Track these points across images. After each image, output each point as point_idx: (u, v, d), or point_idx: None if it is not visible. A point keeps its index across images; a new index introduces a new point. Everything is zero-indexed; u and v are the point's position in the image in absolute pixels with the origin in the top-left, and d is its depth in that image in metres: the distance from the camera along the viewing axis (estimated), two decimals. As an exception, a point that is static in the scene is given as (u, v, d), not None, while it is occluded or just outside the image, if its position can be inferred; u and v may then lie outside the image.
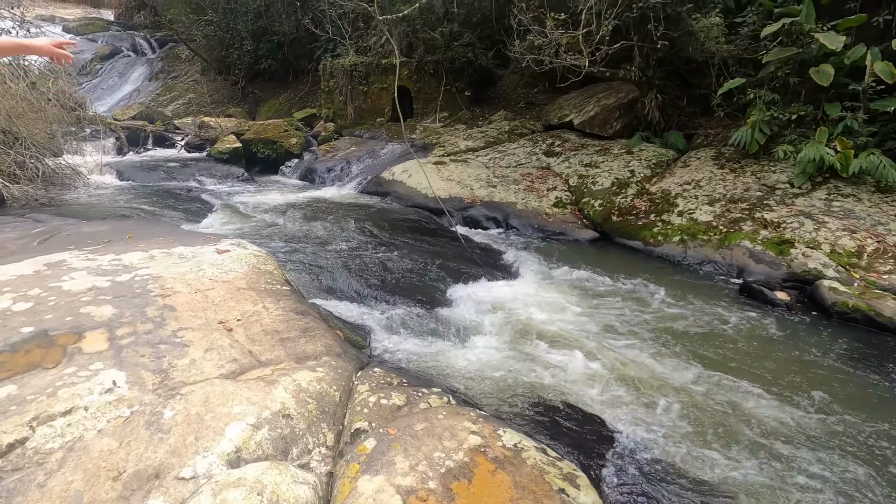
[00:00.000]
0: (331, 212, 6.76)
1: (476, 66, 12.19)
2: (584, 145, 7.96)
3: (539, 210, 6.75)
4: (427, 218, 6.85)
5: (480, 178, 7.54)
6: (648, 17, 6.18)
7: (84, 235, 4.01)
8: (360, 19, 13.90)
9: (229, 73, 16.80)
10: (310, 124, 13.33)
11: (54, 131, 8.14)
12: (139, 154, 10.29)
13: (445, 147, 9.32)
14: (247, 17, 14.98)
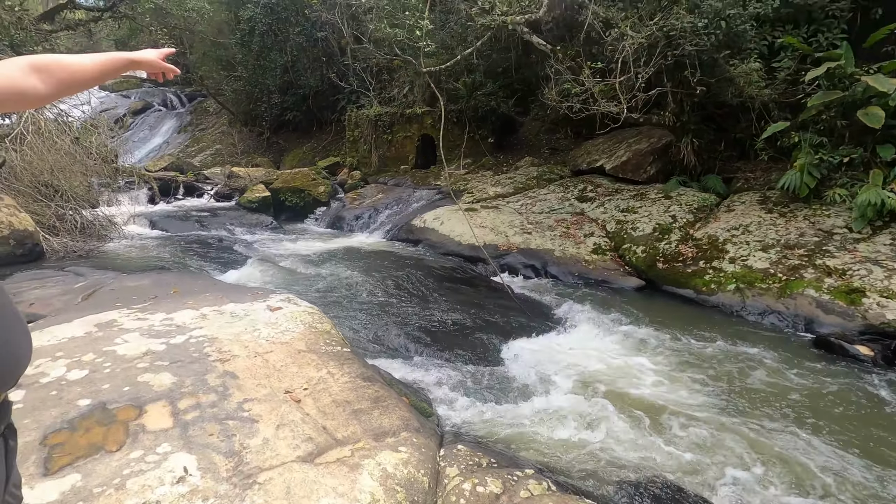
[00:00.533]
0: (365, 260, 6.65)
1: (498, 114, 12.41)
2: (618, 190, 7.85)
3: (578, 257, 6.56)
4: (463, 266, 6.70)
5: (514, 225, 7.43)
6: (684, 63, 6.19)
7: (128, 290, 3.91)
8: (384, 71, 14.38)
9: (255, 124, 17.36)
10: (334, 172, 13.54)
11: (92, 183, 8.31)
12: (170, 204, 10.43)
13: (474, 193, 9.29)
14: (275, 73, 15.58)
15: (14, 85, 0.85)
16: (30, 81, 0.88)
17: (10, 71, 0.86)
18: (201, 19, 13.97)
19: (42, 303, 3.83)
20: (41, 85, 0.90)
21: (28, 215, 6.02)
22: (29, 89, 0.88)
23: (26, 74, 0.88)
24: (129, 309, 3.19)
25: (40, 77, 0.90)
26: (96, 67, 1.02)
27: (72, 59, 0.97)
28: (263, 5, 14.06)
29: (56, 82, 0.93)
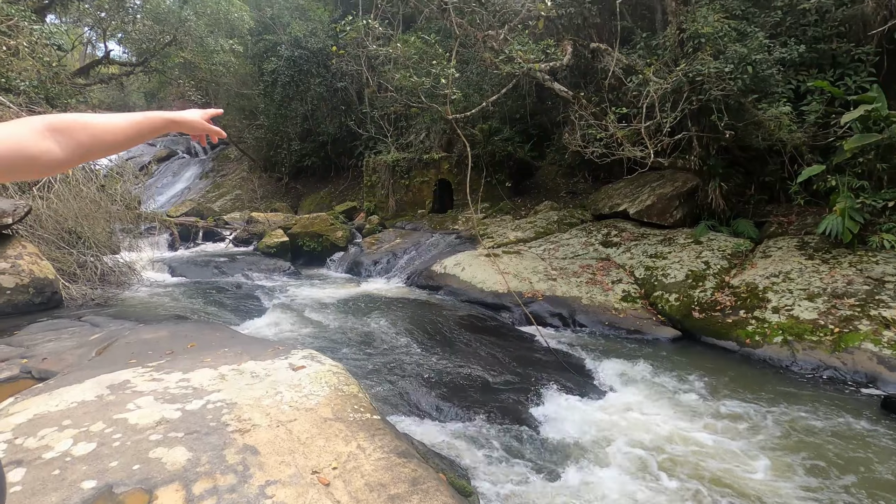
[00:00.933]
0: (385, 309, 6.44)
1: (515, 159, 12.47)
2: (644, 235, 7.63)
3: (607, 305, 6.29)
4: (486, 314, 6.45)
5: (538, 271, 7.21)
6: (710, 108, 6.11)
7: (144, 344, 3.74)
8: (402, 118, 14.69)
9: (275, 170, 17.74)
10: (350, 217, 13.60)
11: (114, 229, 8.36)
12: (190, 249, 10.46)
13: (494, 238, 9.15)
14: (295, 121, 16.02)
15: (23, 149, 0.70)
16: (43, 144, 0.73)
17: (20, 132, 0.71)
18: (227, 72, 14.54)
19: (55, 357, 3.66)
20: (57, 148, 0.75)
21: (49, 263, 5.98)
22: (42, 154, 0.73)
23: (41, 136, 0.73)
24: (144, 367, 3.00)
25: (58, 139, 0.75)
26: (128, 128, 0.87)
27: (99, 119, 0.82)
28: (286, 59, 14.62)
29: (76, 146, 0.78)
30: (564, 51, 5.52)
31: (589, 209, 9.81)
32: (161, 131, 0.96)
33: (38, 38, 8.88)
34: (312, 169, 17.18)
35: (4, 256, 5.54)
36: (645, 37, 7.23)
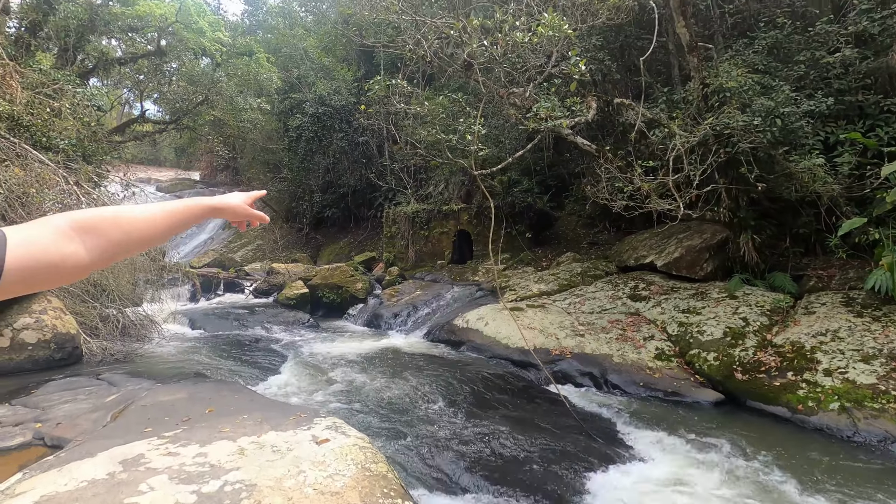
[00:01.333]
0: (407, 367, 6.21)
1: (535, 210, 12.46)
2: (674, 289, 7.37)
3: (640, 364, 5.96)
4: (513, 373, 6.17)
5: (564, 326, 6.95)
6: (738, 160, 6.01)
7: (160, 408, 3.58)
8: (421, 170, 14.96)
9: (296, 221, 18.05)
10: (369, 267, 13.59)
11: (138, 280, 8.41)
12: (211, 301, 10.47)
13: (517, 291, 8.95)
14: (317, 174, 16.44)
15: (44, 256, 0.60)
16: (68, 248, 0.62)
17: (41, 236, 0.61)
18: (254, 128, 15.11)
19: (69, 422, 3.52)
20: (83, 251, 0.64)
21: (72, 317, 5.97)
22: (64, 260, 0.62)
23: (65, 239, 0.62)
24: (160, 438, 2.83)
25: (84, 239, 0.64)
26: (165, 220, 0.76)
27: (132, 214, 0.72)
28: (311, 115, 15.19)
29: (105, 246, 0.67)
30: (589, 106, 5.56)
31: (613, 261, 9.61)
32: (201, 220, 0.86)
33: (79, 100, 9.36)
34: (332, 220, 17.44)
35: (30, 311, 5.54)
36: (666, 91, 7.29)
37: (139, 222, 0.73)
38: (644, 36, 8.61)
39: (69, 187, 7.32)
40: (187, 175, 26.01)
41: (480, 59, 5.12)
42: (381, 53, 13.82)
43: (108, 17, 11.97)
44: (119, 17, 11.88)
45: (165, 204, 0.80)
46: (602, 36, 7.50)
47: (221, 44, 12.63)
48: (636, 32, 8.32)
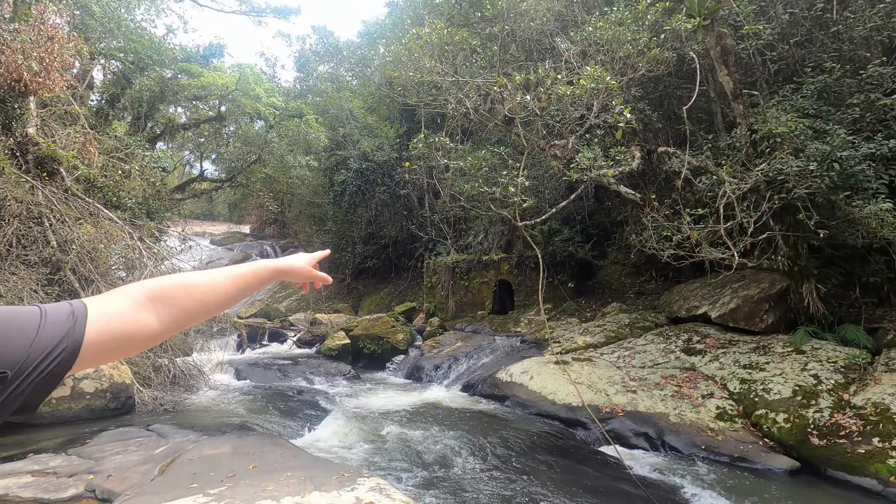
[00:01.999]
0: (449, 422, 6.01)
1: (577, 259, 12.25)
2: (732, 342, 6.93)
3: (699, 424, 5.53)
4: (560, 431, 5.85)
5: (614, 381, 6.60)
6: (795, 206, 5.75)
7: (206, 463, 3.58)
8: (461, 221, 15.15)
9: (338, 271, 18.47)
10: (409, 317, 13.58)
11: (189, 331, 8.70)
12: (256, 351, 10.66)
13: (561, 343, 8.65)
14: (360, 226, 16.95)
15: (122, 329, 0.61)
16: (143, 318, 0.64)
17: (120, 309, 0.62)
18: (302, 184, 15.89)
19: (119, 475, 3.56)
20: (155, 320, 0.65)
21: (128, 367, 6.19)
22: (140, 329, 0.64)
23: (140, 309, 0.64)
24: (205, 495, 2.81)
25: (158, 309, 0.66)
26: (233, 286, 0.77)
27: (202, 281, 0.74)
28: (355, 170, 15.88)
29: (177, 314, 0.68)
30: (633, 156, 5.53)
31: (662, 311, 9.20)
32: (267, 283, 0.87)
33: (147, 163, 10.18)
34: (373, 270, 17.75)
35: (90, 361, 5.79)
36: (710, 138, 7.19)
37: (209, 289, 0.74)
38: (683, 85, 8.63)
39: (133, 242, 7.82)
40: (238, 229, 27.39)
41: (521, 114, 5.24)
42: (422, 111, 14.46)
43: (176, 89, 13.19)
44: (186, 87, 13.07)
45: (233, 269, 0.80)
46: (641, 87, 7.56)
47: (275, 108, 13.60)
48: (675, 82, 8.35)
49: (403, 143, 16.65)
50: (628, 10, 5.32)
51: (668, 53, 5.85)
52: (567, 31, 6.21)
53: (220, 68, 13.43)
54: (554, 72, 4.80)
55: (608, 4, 6.83)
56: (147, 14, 11.03)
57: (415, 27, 7.39)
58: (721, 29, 5.71)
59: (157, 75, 12.77)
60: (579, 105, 5.29)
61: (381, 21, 19.16)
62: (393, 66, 8.70)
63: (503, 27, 5.67)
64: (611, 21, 5.32)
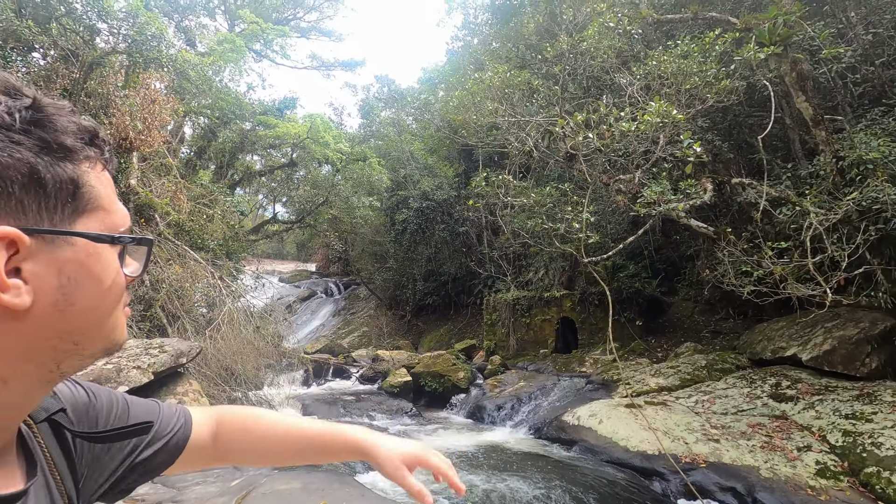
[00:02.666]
0: (514, 466, 5.80)
1: (644, 296, 11.72)
2: (829, 388, 6.25)
3: (797, 481, 4.96)
4: (635, 482, 5.46)
5: (693, 429, 6.12)
6: (895, 237, 5.23)
7: (279, 497, 3.66)
8: (520, 257, 15.04)
9: (398, 308, 18.79)
10: (469, 355, 13.43)
11: (260, 365, 9.11)
12: (321, 386, 10.93)
13: (632, 385, 8.19)
14: (420, 263, 17.26)
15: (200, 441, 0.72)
16: (209, 439, 0.74)
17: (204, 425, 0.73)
18: (365, 224, 16.53)
19: (200, 506, 3.72)
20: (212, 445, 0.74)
21: (207, 400, 6.54)
22: (206, 447, 0.73)
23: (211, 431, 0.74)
24: (281, 531, 2.86)
25: (218, 435, 0.75)
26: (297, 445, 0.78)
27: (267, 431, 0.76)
28: (415, 209, 16.34)
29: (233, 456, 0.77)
30: (704, 188, 5.32)
31: (743, 353, 8.51)
32: (343, 458, 0.81)
33: (227, 207, 11.05)
34: (433, 307, 17.87)
35: (174, 393, 6.19)
36: (790, 167, 6.78)
37: (272, 440, 0.77)
38: (754, 113, 8.27)
39: (214, 281, 8.42)
40: (305, 267, 28.73)
41: (584, 151, 5.23)
42: (481, 150, 14.77)
43: (254, 139, 14.38)
44: (262, 138, 14.21)
45: (309, 426, 0.79)
46: (708, 118, 7.33)
47: (341, 152, 14.41)
48: (745, 111, 8.03)
49: (462, 181, 17.02)
50: (694, 42, 5.24)
51: (737, 83, 5.65)
52: (628, 67, 6.20)
53: (293, 119, 14.52)
54: (616, 108, 4.78)
55: (669, 38, 6.78)
56: (232, 75, 12.25)
57: (477, 72, 7.67)
58: (796, 54, 5.47)
59: (238, 128, 14.01)
60: (644, 139, 5.20)
61: (440, 67, 20.06)
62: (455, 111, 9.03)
63: (564, 67, 5.76)
64: (675, 54, 5.26)
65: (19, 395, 0.45)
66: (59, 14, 7.16)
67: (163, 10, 13.52)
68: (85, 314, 0.46)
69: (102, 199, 0.48)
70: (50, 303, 0.43)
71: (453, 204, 16.47)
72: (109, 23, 7.59)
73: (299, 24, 19.58)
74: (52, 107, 0.45)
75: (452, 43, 19.36)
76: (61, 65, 7.44)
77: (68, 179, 0.44)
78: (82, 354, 0.48)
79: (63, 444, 0.56)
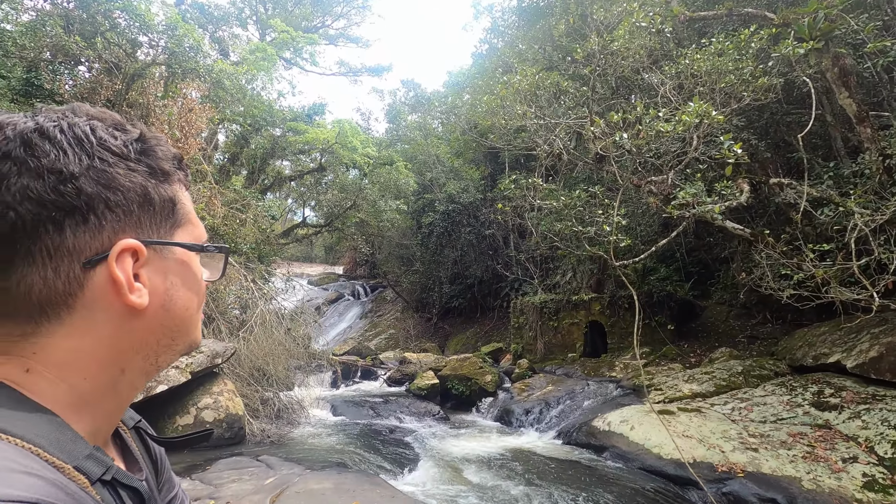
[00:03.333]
0: (544, 472, 5.74)
1: (676, 299, 11.43)
2: (877, 397, 5.97)
3: (842, 494, 4.75)
4: (669, 491, 5.33)
5: (730, 437, 5.93)
6: (948, 240, 4.96)
7: (311, 497, 3.73)
8: (548, 260, 14.88)
9: (425, 311, 18.86)
10: (496, 358, 13.36)
11: (291, 366, 9.28)
12: (349, 387, 11.06)
13: (664, 391, 7.99)
14: (446, 266, 17.29)
15: None
16: None
17: None
18: (392, 227, 16.68)
19: (236, 502, 3.81)
20: None
21: (240, 399, 6.71)
22: None
23: None
24: (315, 529, 2.91)
25: None
26: None
27: None
28: (441, 212, 16.39)
29: None
30: (741, 189, 5.15)
31: (782, 359, 8.21)
32: None
33: (259, 212, 11.33)
34: (459, 310, 17.87)
35: (210, 392, 6.38)
36: (831, 166, 6.52)
37: None
38: (793, 111, 7.98)
39: (247, 284, 8.64)
40: (332, 270, 29.17)
41: (614, 152, 5.15)
42: (507, 153, 14.71)
43: (284, 145, 14.71)
44: (292, 144, 14.52)
45: None
46: (744, 116, 7.12)
47: (368, 157, 14.61)
48: (783, 109, 7.76)
49: (488, 184, 16.98)
50: (729, 39, 5.10)
51: (775, 80, 5.47)
52: (660, 66, 6.07)
53: (322, 125, 14.80)
54: (654, 109, 4.68)
55: (702, 36, 6.61)
56: (263, 83, 12.57)
57: (506, 75, 7.65)
58: (838, 49, 5.26)
59: (269, 134, 14.36)
60: (677, 140, 5.08)
61: (466, 70, 20.10)
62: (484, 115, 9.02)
63: (594, 68, 5.69)
64: (709, 52, 5.12)
65: (129, 385, 0.52)
66: (104, 29, 7.50)
67: (198, 21, 14.01)
68: (181, 313, 0.53)
69: (190, 214, 0.56)
70: (159, 303, 0.51)
71: (479, 207, 16.44)
72: (150, 36, 7.91)
73: (327, 32, 19.96)
74: (154, 138, 0.53)
75: (479, 46, 19.38)
76: (105, 77, 7.80)
77: (168, 199, 0.52)
78: (175, 350, 0.55)
79: (149, 452, 0.61)
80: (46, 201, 0.44)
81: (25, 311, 0.45)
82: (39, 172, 0.44)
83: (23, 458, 0.38)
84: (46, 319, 0.46)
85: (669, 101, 5.29)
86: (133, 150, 0.50)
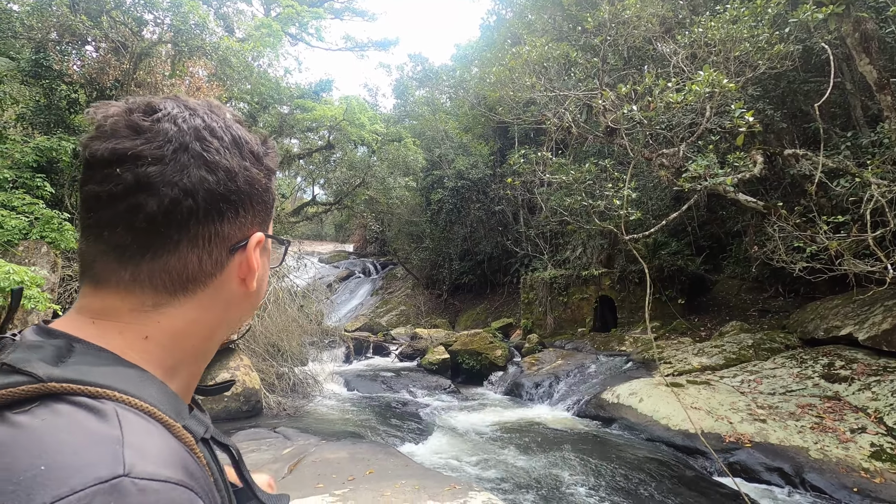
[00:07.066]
0: (553, 442, 5.87)
1: (687, 273, 11.38)
2: (888, 369, 5.96)
3: (849, 463, 4.81)
4: (677, 459, 5.43)
5: (738, 408, 5.99)
6: (968, 210, 4.86)
7: (327, 465, 3.87)
8: (557, 236, 14.83)
9: (435, 287, 19.00)
10: (506, 333, 13.49)
11: (304, 342, 9.48)
12: (361, 362, 11.29)
13: (674, 364, 8.05)
14: (456, 242, 17.32)
15: None
16: None
17: None
18: (401, 204, 16.67)
19: (254, 472, 3.96)
20: None
21: (257, 374, 6.90)
22: None
23: None
24: (332, 495, 3.04)
25: None
26: None
27: None
28: (451, 189, 16.32)
29: None
30: (754, 161, 5.06)
31: (794, 332, 8.20)
32: None
33: (270, 190, 11.37)
34: (469, 286, 17.97)
35: (227, 367, 6.56)
36: (849, 136, 6.36)
37: None
38: (811, 79, 7.76)
39: (260, 262, 8.75)
40: (343, 247, 29.36)
41: (625, 125, 5.07)
42: (516, 127, 14.52)
43: (292, 123, 14.64)
44: (300, 121, 14.45)
45: None
46: (760, 85, 6.93)
47: (377, 133, 14.51)
48: (801, 77, 7.54)
49: (497, 159, 16.83)
50: (744, 5, 4.93)
51: (792, 47, 5.31)
52: (672, 35, 5.90)
53: (329, 101, 14.68)
54: (663, 80, 4.58)
55: (717, 3, 6.40)
56: (270, 60, 12.45)
57: (515, 46, 7.49)
58: (860, 13, 5.07)
59: (276, 112, 14.29)
60: (689, 111, 4.98)
61: (474, 43, 19.69)
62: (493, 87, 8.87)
63: (605, 38, 5.54)
64: (723, 20, 4.96)
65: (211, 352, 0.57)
66: (109, 7, 7.46)
67: (202, -3, 13.80)
68: (262, 296, 0.60)
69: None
70: (257, 287, 0.57)
71: (488, 182, 16.33)
72: (154, 13, 7.85)
73: (333, 6, 19.59)
74: (268, 140, 0.59)
75: (487, 17, 18.92)
76: (112, 56, 7.78)
77: (273, 196, 0.59)
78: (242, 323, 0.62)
79: None
80: (218, 194, 0.50)
81: (171, 286, 0.50)
82: (213, 168, 0.50)
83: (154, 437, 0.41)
84: (183, 294, 0.50)
85: (682, 72, 5.16)
86: (262, 152, 0.56)
